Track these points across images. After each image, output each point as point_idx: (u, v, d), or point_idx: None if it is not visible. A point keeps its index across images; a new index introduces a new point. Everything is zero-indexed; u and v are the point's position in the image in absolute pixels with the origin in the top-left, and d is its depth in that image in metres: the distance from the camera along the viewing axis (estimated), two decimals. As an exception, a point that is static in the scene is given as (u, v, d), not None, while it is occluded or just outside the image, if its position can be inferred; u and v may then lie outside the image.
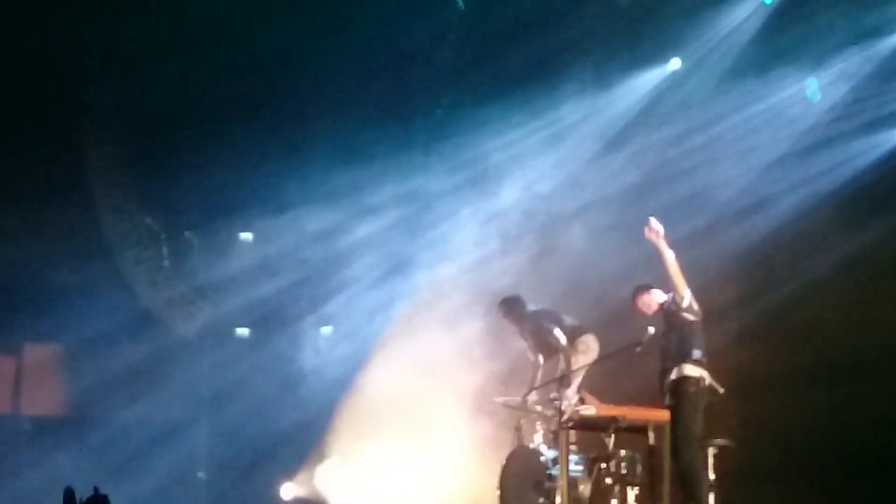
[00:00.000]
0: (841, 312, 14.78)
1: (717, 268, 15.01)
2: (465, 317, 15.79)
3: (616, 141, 16.42)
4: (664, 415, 12.20)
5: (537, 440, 12.95)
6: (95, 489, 5.67)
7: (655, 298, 12.58)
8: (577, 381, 13.04)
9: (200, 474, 17.07)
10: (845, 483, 14.15)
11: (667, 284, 12.42)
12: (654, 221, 12.20)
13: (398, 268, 16.89)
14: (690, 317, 12.29)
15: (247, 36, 16.71)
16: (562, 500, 12.05)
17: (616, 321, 13.79)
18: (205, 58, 16.79)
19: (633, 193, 15.85)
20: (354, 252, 17.23)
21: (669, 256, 12.12)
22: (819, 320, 14.86)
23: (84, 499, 5.57)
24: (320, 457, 16.79)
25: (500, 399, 13.85)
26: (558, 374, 13.32)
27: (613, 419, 12.38)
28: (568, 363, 13.32)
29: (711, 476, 12.06)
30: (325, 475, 16.62)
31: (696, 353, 12.12)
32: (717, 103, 15.71)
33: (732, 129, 15.65)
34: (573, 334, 13.53)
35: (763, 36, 15.45)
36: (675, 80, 16.17)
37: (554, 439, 12.63)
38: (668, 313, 12.44)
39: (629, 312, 12.92)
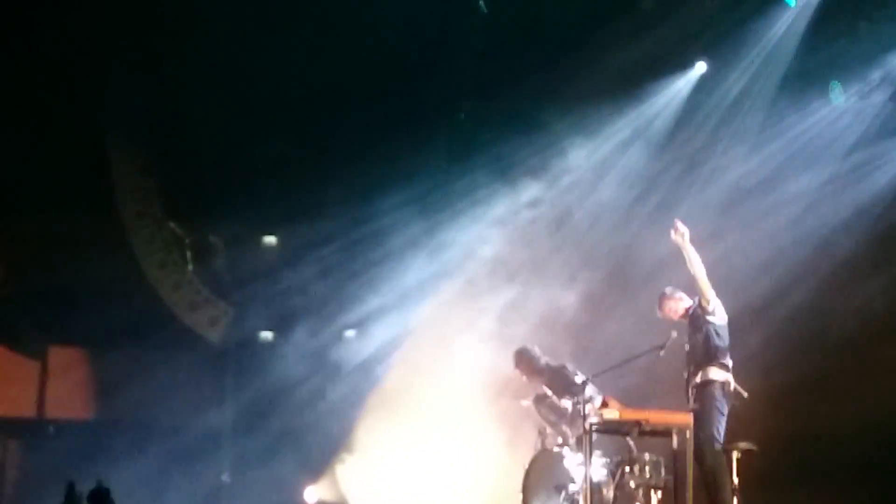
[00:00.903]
0: (866, 319, 14.73)
1: (746, 270, 14.97)
2: (490, 320, 15.78)
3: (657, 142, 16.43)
4: (688, 418, 12.13)
5: (561, 444, 12.90)
6: (98, 482, 5.66)
7: (682, 304, 12.48)
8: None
9: (224, 477, 17.09)
10: (868, 488, 14.09)
11: (692, 288, 12.34)
12: (679, 223, 12.12)
13: (421, 271, 16.88)
14: (716, 320, 12.19)
15: (270, 37, 16.73)
16: (585, 504, 12.01)
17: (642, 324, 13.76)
18: (227, 61, 16.83)
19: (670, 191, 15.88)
20: (378, 253, 17.24)
21: (695, 259, 12.02)
22: (843, 327, 14.82)
23: (86, 492, 5.55)
24: (344, 459, 16.80)
25: (526, 402, 13.80)
26: (581, 379, 13.25)
27: (637, 423, 12.32)
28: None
29: (735, 480, 12.00)
30: (349, 478, 16.64)
31: (721, 357, 12.04)
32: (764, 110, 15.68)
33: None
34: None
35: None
36: (714, 84, 16.10)
37: (577, 443, 12.59)
38: (694, 317, 12.34)
39: (654, 316, 12.84)
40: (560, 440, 12.93)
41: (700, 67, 16.22)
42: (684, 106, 16.37)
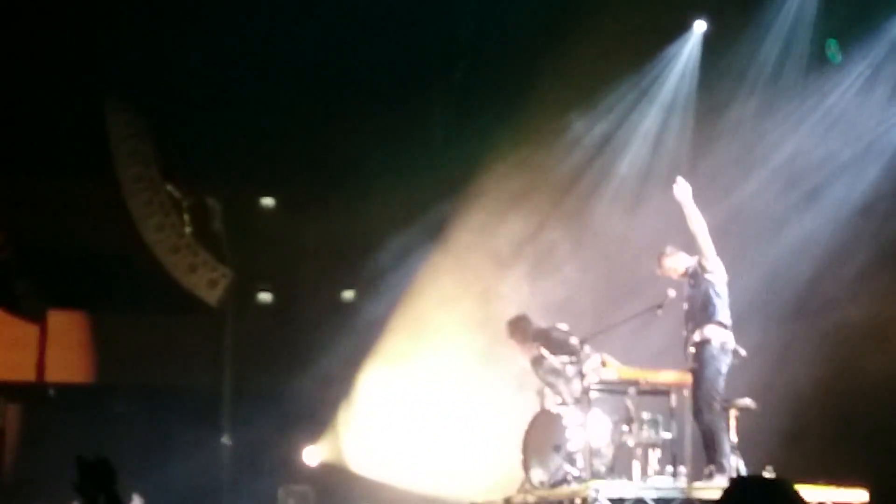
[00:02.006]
0: (861, 283, 14.77)
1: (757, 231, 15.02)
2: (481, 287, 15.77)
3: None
4: (686, 377, 12.14)
5: (559, 404, 12.90)
6: (95, 454, 5.58)
7: (682, 261, 12.43)
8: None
9: (224, 439, 17.12)
10: (867, 446, 14.13)
11: (692, 247, 12.30)
12: (681, 179, 12.07)
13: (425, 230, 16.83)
14: (715, 279, 12.16)
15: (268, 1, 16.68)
16: (584, 464, 12.03)
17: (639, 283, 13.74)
18: (225, 23, 16.75)
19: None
20: (381, 214, 17.23)
21: (696, 216, 11.98)
22: (841, 290, 14.85)
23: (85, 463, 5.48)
24: (344, 420, 16.84)
25: (524, 363, 13.78)
26: (577, 340, 13.22)
27: (635, 382, 12.35)
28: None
29: (734, 438, 12.01)
30: (349, 438, 16.68)
31: (720, 316, 12.00)
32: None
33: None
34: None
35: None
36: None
37: (576, 403, 12.59)
38: (693, 275, 12.31)
39: (653, 275, 12.82)
40: (559, 400, 12.93)
41: (699, 26, 16.14)
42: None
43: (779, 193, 15.39)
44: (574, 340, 12.71)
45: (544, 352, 13.04)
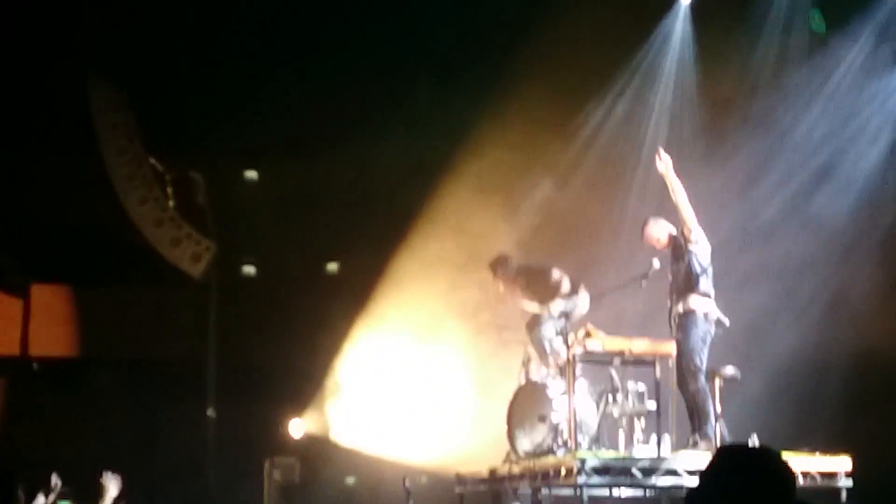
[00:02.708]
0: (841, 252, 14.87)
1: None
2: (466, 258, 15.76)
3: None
4: (670, 347, 12.17)
5: (544, 374, 12.92)
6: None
7: (665, 230, 12.43)
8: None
9: (209, 412, 17.12)
10: (853, 414, 14.20)
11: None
12: (662, 151, 12.08)
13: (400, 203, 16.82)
14: (698, 249, 12.16)
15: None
16: (569, 434, 12.05)
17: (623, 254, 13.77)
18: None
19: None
20: (361, 185, 17.21)
21: (678, 187, 11.98)
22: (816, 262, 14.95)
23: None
24: (329, 393, 16.85)
25: (507, 334, 13.81)
26: (563, 310, 13.26)
27: (620, 352, 12.37)
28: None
29: (718, 407, 12.04)
30: (334, 410, 16.69)
31: (703, 286, 12.01)
32: None
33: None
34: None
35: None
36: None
37: (560, 373, 12.62)
38: (676, 246, 12.31)
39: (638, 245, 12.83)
40: (544, 371, 12.95)
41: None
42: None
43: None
44: (557, 275, 12.82)
45: (537, 308, 13.12)
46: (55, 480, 11.65)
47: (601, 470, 11.19)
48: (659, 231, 12.38)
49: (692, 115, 16.17)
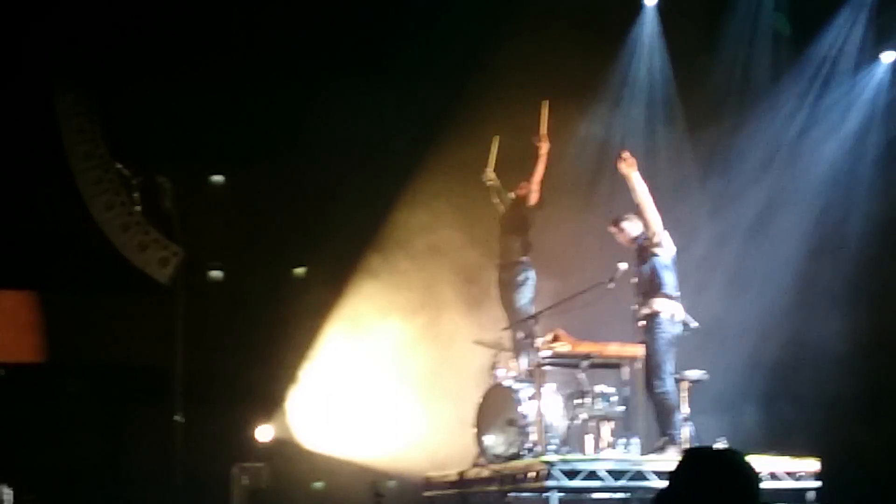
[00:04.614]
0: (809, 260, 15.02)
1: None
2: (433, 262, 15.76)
3: None
4: (638, 350, 12.21)
5: (512, 378, 12.94)
6: None
7: (629, 230, 12.44)
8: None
9: (177, 417, 17.02)
10: (824, 413, 14.27)
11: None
12: (626, 153, 12.11)
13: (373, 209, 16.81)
14: (662, 251, 12.20)
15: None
16: (537, 437, 12.06)
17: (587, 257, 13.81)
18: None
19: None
20: (329, 190, 17.18)
21: (642, 188, 12.01)
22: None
23: None
24: (297, 397, 16.81)
25: (476, 338, 13.82)
26: (532, 312, 13.31)
27: (588, 355, 12.40)
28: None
29: (686, 409, 12.08)
30: (302, 416, 16.66)
31: (667, 288, 12.05)
32: None
33: None
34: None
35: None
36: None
37: (529, 376, 12.64)
38: (641, 248, 12.35)
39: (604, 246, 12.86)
40: (512, 374, 12.98)
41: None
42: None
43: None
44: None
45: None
46: (6, 491, 11.52)
47: (569, 473, 11.21)
48: (624, 228, 12.42)
49: (665, 116, 16.26)
